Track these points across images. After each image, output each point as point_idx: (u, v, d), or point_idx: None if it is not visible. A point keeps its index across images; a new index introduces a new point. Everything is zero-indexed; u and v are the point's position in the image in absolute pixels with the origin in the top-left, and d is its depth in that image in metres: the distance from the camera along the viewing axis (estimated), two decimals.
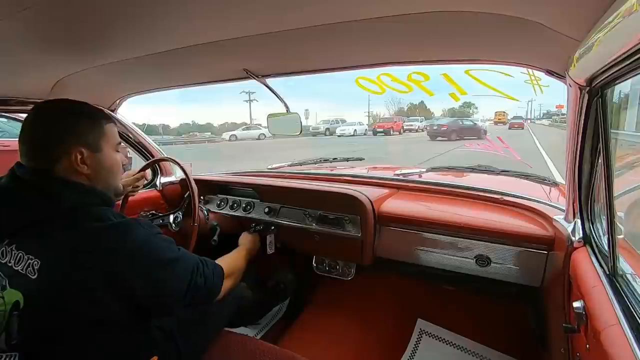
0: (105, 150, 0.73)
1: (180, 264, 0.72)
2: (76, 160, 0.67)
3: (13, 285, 0.59)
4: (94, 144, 0.71)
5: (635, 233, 0.84)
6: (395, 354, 1.35)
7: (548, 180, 1.37)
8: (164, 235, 0.73)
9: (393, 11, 0.63)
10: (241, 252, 1.06)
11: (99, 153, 0.71)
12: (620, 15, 0.41)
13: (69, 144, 0.67)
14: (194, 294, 0.73)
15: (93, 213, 0.65)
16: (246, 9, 0.63)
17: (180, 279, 0.71)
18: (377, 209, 1.22)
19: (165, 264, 0.69)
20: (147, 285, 0.65)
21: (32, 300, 0.58)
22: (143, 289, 0.64)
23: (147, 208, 1.53)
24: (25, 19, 0.60)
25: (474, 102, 43.60)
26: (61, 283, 0.59)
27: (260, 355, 0.89)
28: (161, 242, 0.71)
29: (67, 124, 0.69)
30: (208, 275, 0.77)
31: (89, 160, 0.69)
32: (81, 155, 0.68)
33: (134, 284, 0.63)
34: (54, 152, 0.66)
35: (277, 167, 1.82)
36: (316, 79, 34.39)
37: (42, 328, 0.59)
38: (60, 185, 0.66)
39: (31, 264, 0.59)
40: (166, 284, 0.69)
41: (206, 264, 0.78)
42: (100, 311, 0.61)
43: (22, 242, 0.61)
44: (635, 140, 1.16)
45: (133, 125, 1.52)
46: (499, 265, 1.06)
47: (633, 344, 0.46)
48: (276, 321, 1.61)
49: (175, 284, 0.70)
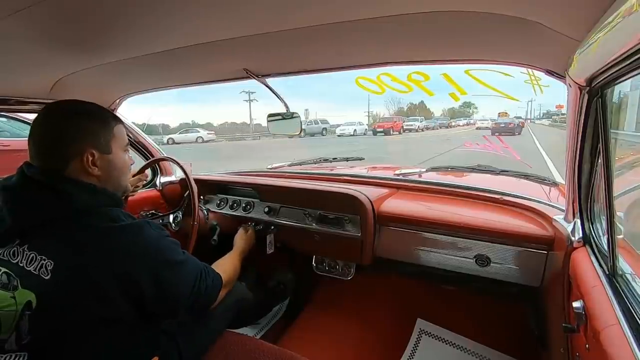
0: (115, 151, 0.74)
1: (186, 268, 0.72)
2: (87, 161, 0.68)
3: (25, 285, 0.59)
4: (105, 145, 0.71)
5: (634, 233, 0.84)
6: (395, 353, 1.35)
7: (548, 180, 1.37)
8: (172, 238, 0.73)
9: (393, 11, 0.63)
10: (236, 256, 1.06)
11: (110, 154, 0.72)
12: (620, 15, 0.41)
13: (80, 145, 0.68)
14: (195, 299, 0.74)
15: (104, 214, 0.66)
16: (246, 9, 0.63)
17: (185, 282, 0.72)
18: (377, 209, 1.22)
19: (173, 266, 0.69)
20: (155, 286, 0.65)
21: (45, 301, 0.59)
22: (151, 289, 0.65)
23: (147, 208, 1.53)
24: (25, 18, 0.60)
25: (474, 102, 43.67)
26: (75, 284, 0.59)
27: (260, 355, 0.89)
28: (170, 244, 0.71)
29: (79, 125, 0.69)
30: (209, 283, 0.78)
31: (99, 162, 0.70)
32: (92, 157, 0.69)
33: (143, 284, 0.63)
34: (65, 153, 0.67)
35: (277, 167, 1.82)
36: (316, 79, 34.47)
37: (53, 328, 0.59)
38: (72, 185, 0.66)
39: (44, 265, 0.59)
40: (172, 286, 0.69)
41: (208, 272, 0.79)
42: (111, 311, 0.62)
43: (34, 243, 0.62)
44: (635, 140, 1.16)
45: (133, 125, 1.53)
46: (498, 265, 1.06)
47: (632, 343, 0.46)
48: (276, 321, 1.61)
49: (180, 287, 0.71)
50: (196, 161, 1.56)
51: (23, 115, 4.17)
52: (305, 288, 1.65)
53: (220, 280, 0.83)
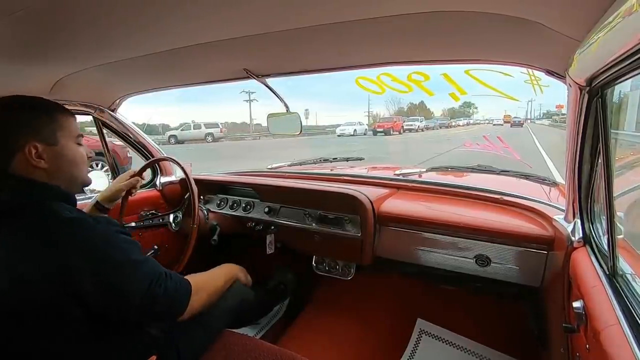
0: (63, 142, 0.71)
1: (140, 269, 0.68)
2: (30, 154, 0.66)
3: None
4: (49, 137, 0.69)
5: (635, 233, 0.84)
6: (395, 353, 1.35)
7: (548, 180, 1.37)
8: (129, 238, 0.70)
9: (393, 11, 0.64)
10: (218, 272, 0.97)
11: (56, 146, 0.70)
12: (620, 15, 0.41)
13: (21, 139, 0.66)
14: (151, 304, 0.68)
15: (47, 208, 0.64)
16: (246, 9, 0.63)
17: (133, 283, 0.67)
18: (377, 209, 1.22)
19: (120, 265, 0.66)
20: (95, 284, 0.62)
21: None
22: (90, 286, 0.62)
23: (147, 208, 1.53)
24: (25, 18, 0.60)
25: (473, 102, 43.68)
26: (12, 281, 0.59)
27: (260, 354, 0.89)
28: (122, 243, 0.68)
29: (18, 118, 0.68)
30: (170, 287, 0.71)
31: (46, 154, 0.68)
32: (35, 150, 0.66)
33: (83, 279, 0.61)
34: (7, 148, 0.66)
35: (277, 167, 1.82)
36: (316, 79, 34.35)
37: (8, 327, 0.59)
38: (15, 181, 0.65)
39: None
40: (116, 285, 0.65)
41: (171, 277, 0.73)
42: (60, 308, 0.61)
43: None
44: (635, 140, 1.16)
45: (133, 125, 1.53)
46: (498, 265, 1.06)
47: (633, 343, 0.46)
48: (276, 321, 1.60)
49: (128, 288, 0.66)
50: (196, 161, 1.56)
51: None
52: (305, 288, 1.65)
53: (188, 285, 0.77)
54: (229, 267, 1.03)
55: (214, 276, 0.93)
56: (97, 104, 1.37)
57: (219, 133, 18.11)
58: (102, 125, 1.45)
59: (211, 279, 0.90)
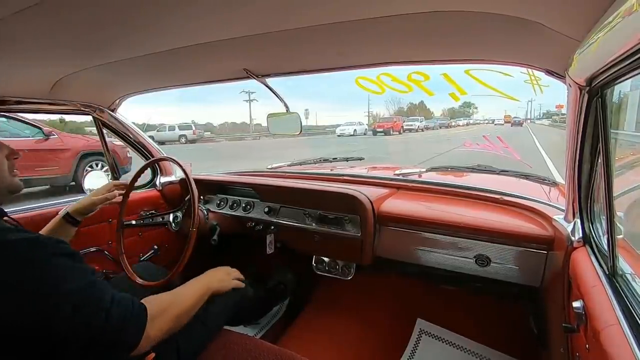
0: None
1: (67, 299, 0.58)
2: None
3: None
4: None
5: (635, 233, 0.84)
6: (395, 353, 1.35)
7: (548, 180, 1.37)
8: (69, 262, 0.61)
9: (393, 11, 0.64)
10: (185, 290, 0.86)
11: None
12: (620, 15, 0.41)
13: None
14: (90, 336, 0.59)
15: None
16: (246, 9, 0.63)
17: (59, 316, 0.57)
18: (377, 209, 1.22)
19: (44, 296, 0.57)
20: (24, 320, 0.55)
21: None
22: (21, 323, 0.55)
23: (147, 208, 1.53)
24: (25, 18, 0.60)
25: (473, 102, 43.68)
26: None
27: (260, 354, 0.89)
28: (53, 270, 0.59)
29: None
30: (115, 315, 0.61)
31: None
32: None
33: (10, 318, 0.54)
34: None
35: (277, 167, 1.82)
36: (316, 79, 34.24)
37: None
38: None
39: None
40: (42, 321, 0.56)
41: (119, 303, 0.64)
42: None
43: None
44: (635, 140, 1.16)
45: (133, 125, 1.53)
46: (498, 265, 1.06)
47: (632, 343, 0.46)
48: (276, 321, 1.61)
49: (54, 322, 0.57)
50: (196, 161, 1.56)
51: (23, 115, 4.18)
52: (305, 288, 1.65)
53: (141, 313, 0.67)
54: (200, 282, 0.91)
55: (180, 296, 0.82)
56: (97, 104, 1.37)
57: (192, 135, 18.17)
58: (102, 125, 1.45)
59: (176, 300, 0.79)
